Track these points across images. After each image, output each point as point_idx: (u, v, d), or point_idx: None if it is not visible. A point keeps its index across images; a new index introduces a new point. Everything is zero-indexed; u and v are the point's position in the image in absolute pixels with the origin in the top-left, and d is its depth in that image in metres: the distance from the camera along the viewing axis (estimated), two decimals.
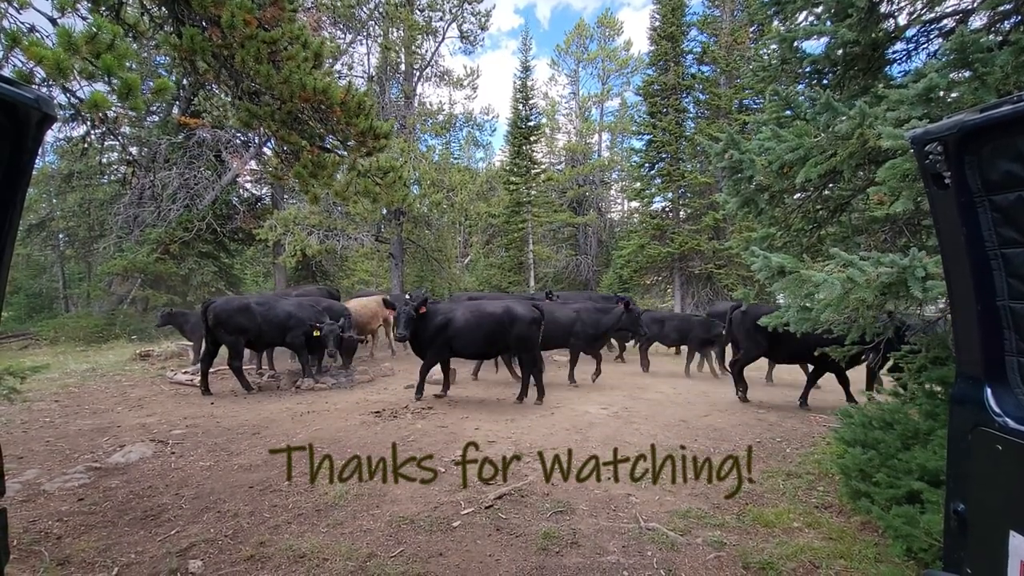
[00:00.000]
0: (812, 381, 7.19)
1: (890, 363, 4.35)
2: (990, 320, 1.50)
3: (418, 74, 19.03)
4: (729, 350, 8.45)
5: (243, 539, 3.34)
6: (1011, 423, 1.43)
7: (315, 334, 8.27)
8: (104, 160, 18.34)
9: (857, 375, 6.91)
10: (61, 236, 21.73)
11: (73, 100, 3.69)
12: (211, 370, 9.65)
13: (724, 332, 8.47)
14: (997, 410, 1.47)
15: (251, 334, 8.06)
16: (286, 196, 20.00)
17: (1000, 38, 3.19)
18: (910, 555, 2.88)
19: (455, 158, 28.77)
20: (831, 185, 3.98)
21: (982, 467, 1.52)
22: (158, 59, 15.96)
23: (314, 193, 4.96)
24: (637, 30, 59.22)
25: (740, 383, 7.35)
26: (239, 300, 8.36)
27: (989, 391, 1.51)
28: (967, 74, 2.71)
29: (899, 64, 4.06)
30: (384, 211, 16.70)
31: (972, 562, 1.53)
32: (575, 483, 4.23)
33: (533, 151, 24.05)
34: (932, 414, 3.22)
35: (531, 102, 24.08)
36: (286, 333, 8.31)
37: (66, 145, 16.90)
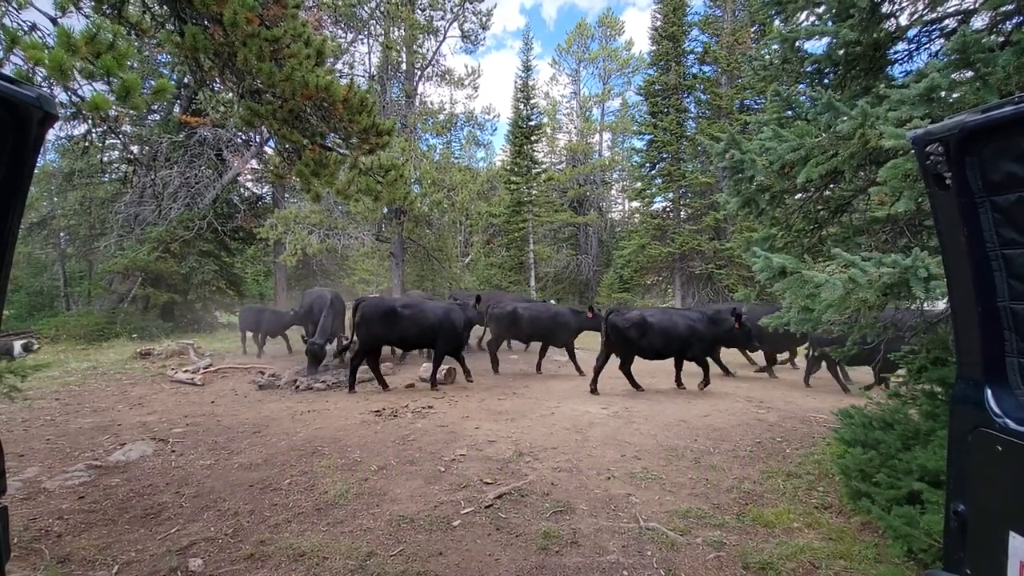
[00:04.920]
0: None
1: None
2: (991, 321, 1.50)
3: (419, 73, 19.02)
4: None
5: (243, 537, 3.35)
6: (1011, 424, 1.43)
7: None
8: (105, 158, 18.36)
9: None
10: (62, 234, 21.73)
11: (74, 99, 3.70)
12: (213, 368, 9.70)
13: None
14: (997, 411, 1.47)
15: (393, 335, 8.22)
16: (287, 195, 20.02)
17: (1002, 39, 3.19)
18: (910, 555, 2.88)
19: (456, 157, 28.81)
20: (832, 185, 3.98)
21: (982, 468, 1.52)
22: (160, 58, 15.96)
23: (316, 191, 4.96)
24: (641, 29, 59.30)
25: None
26: (388, 302, 8.54)
27: (989, 392, 1.51)
28: (969, 74, 2.70)
29: (901, 64, 4.05)
30: (385, 210, 16.70)
31: (972, 563, 1.53)
32: (575, 483, 4.23)
33: (534, 151, 24.07)
34: (932, 415, 3.22)
35: (532, 102, 24.09)
36: (436, 336, 8.42)
37: (67, 143, 16.94)
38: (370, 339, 8.01)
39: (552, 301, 13.68)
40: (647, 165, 21.25)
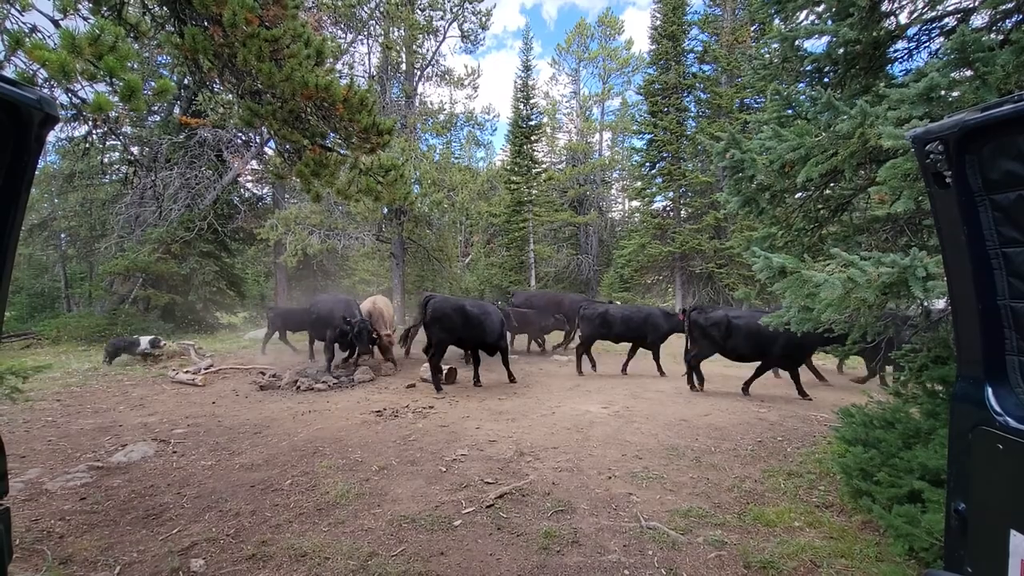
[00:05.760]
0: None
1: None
2: (991, 319, 1.50)
3: (419, 73, 19.04)
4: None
5: (245, 538, 3.35)
6: (1012, 422, 1.43)
7: None
8: (106, 160, 18.39)
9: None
10: (63, 236, 21.78)
11: (75, 100, 3.70)
12: (214, 369, 9.71)
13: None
14: (998, 409, 1.47)
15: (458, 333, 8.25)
16: (287, 196, 20.04)
17: (1001, 37, 3.19)
18: (911, 554, 2.88)
19: (456, 157, 28.82)
20: (832, 184, 3.98)
21: (983, 466, 1.52)
22: (160, 59, 15.98)
23: (316, 191, 4.97)
24: (641, 29, 59.26)
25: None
26: (456, 301, 8.58)
27: (990, 390, 1.51)
28: (968, 73, 2.70)
29: (900, 63, 4.05)
30: (385, 210, 16.73)
31: (973, 561, 1.53)
32: (576, 482, 4.24)
33: (534, 150, 24.06)
34: (933, 413, 3.21)
35: (532, 101, 24.09)
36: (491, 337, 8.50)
37: (68, 145, 16.96)
38: (443, 337, 8.06)
39: (617, 302, 13.62)
40: (647, 164, 21.23)
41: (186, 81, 16.82)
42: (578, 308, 10.75)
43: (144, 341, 10.63)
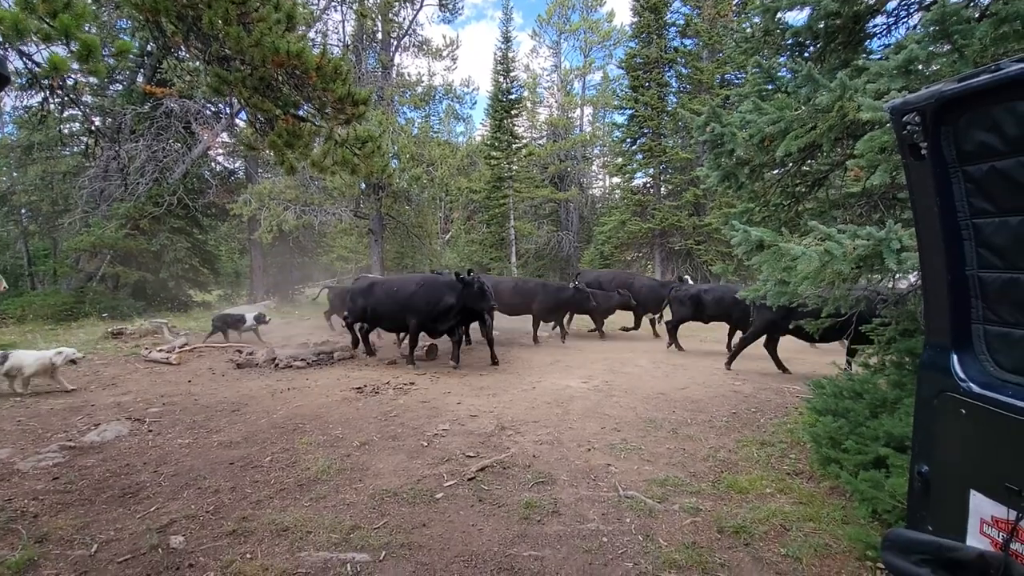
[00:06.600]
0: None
1: None
2: (959, 289, 1.54)
3: (396, 43, 18.48)
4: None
5: (225, 514, 3.33)
6: (975, 388, 1.48)
7: None
8: (65, 130, 17.50)
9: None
10: (23, 211, 20.81)
11: (30, 65, 3.50)
12: (189, 348, 9.54)
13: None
14: (963, 376, 1.53)
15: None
16: (260, 170, 19.46)
17: (977, 14, 3.21)
18: (875, 516, 3.02)
19: (435, 132, 28.21)
20: (809, 161, 4.02)
21: (946, 430, 1.58)
22: (120, 24, 15.15)
23: (290, 163, 4.81)
24: (623, 1, 58.11)
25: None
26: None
27: (955, 358, 1.56)
28: (947, 47, 2.72)
29: (880, 38, 4.07)
30: (363, 186, 16.40)
31: (934, 520, 1.60)
32: (556, 454, 4.31)
33: (514, 125, 23.72)
34: (899, 384, 3.33)
35: (512, 75, 23.65)
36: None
37: (25, 115, 16.08)
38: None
39: (687, 278, 13.50)
40: (628, 140, 21.18)
41: (149, 48, 16.02)
42: (668, 290, 10.75)
43: (249, 317, 10.33)
